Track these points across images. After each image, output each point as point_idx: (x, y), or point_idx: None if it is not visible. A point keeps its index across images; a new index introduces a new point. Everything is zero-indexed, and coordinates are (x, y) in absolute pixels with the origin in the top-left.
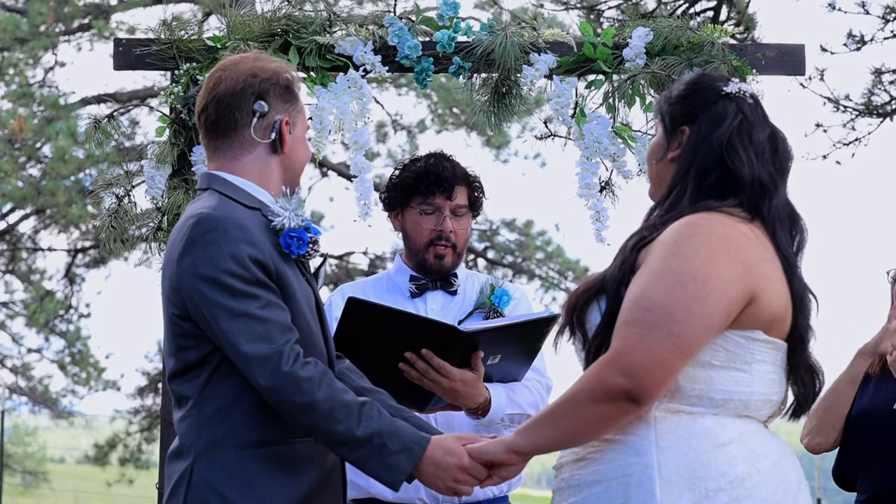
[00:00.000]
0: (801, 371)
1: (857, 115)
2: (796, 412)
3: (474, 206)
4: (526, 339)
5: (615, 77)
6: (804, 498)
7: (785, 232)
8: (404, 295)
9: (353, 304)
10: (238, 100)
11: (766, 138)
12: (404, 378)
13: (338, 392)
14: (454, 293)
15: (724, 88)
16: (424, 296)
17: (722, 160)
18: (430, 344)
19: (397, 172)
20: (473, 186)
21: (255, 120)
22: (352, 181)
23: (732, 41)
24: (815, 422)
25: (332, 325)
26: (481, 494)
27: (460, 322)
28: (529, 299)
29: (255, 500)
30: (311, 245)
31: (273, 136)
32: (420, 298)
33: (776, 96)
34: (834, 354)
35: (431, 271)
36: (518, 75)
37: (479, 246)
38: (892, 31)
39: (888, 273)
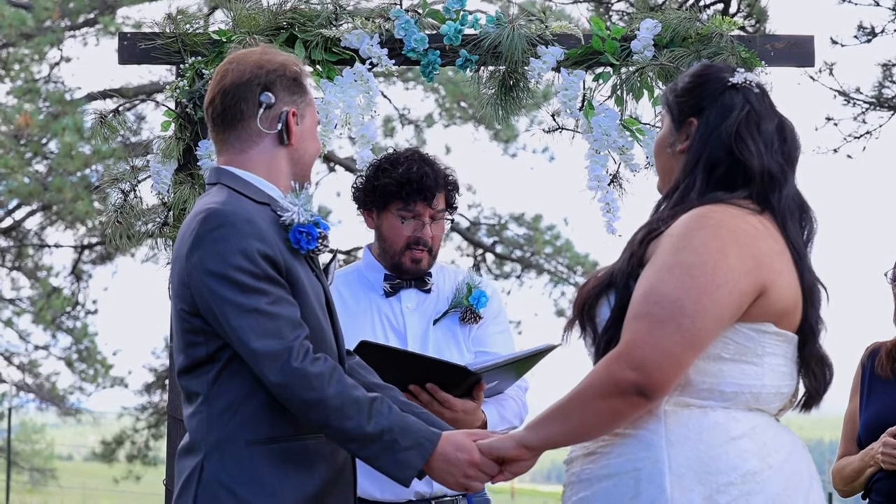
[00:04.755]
0: (812, 363)
1: (867, 109)
2: (807, 405)
3: (451, 208)
4: (523, 366)
5: (623, 69)
6: (816, 492)
7: (795, 223)
8: (378, 292)
9: (365, 347)
10: (244, 91)
11: (775, 128)
12: None
13: (348, 388)
14: (428, 291)
15: (730, 79)
16: (399, 294)
17: (731, 151)
18: (436, 379)
19: (374, 173)
20: (450, 189)
21: (261, 111)
22: None
23: (741, 33)
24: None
25: None
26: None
27: (436, 321)
28: (500, 293)
29: (266, 496)
30: (320, 240)
31: (279, 126)
32: (395, 297)
33: (786, 89)
34: (845, 347)
35: (407, 273)
36: (525, 68)
37: (488, 241)
38: None
39: (886, 274)
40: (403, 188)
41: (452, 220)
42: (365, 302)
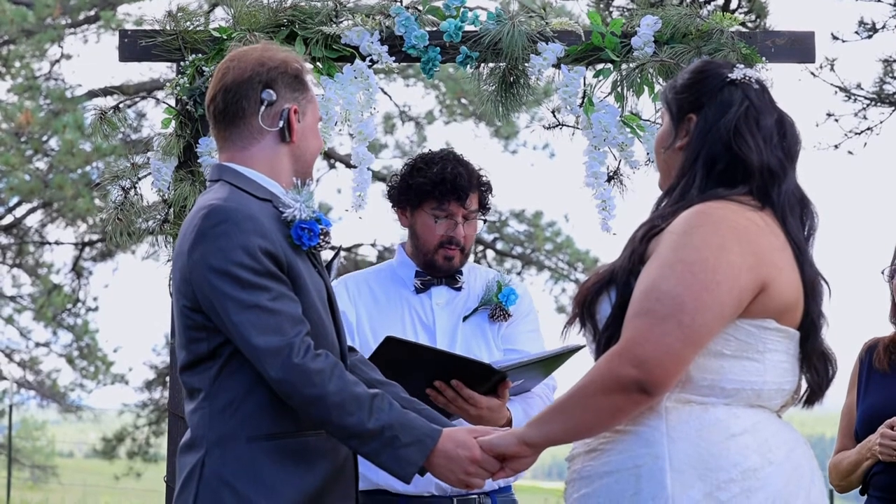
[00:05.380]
0: (814, 358)
1: (868, 104)
2: (810, 400)
3: (484, 208)
4: (550, 365)
5: (623, 66)
6: (817, 488)
7: (795, 218)
8: (409, 288)
9: (390, 343)
10: (245, 88)
11: (774, 123)
12: (429, 400)
13: (349, 384)
14: (459, 289)
15: (730, 75)
16: (429, 291)
17: (729, 147)
18: (461, 376)
19: (409, 172)
20: (483, 189)
21: (262, 108)
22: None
23: (742, 29)
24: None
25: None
26: (487, 486)
27: (465, 318)
28: (531, 295)
29: (267, 493)
30: (322, 237)
31: (281, 124)
32: (425, 294)
33: (786, 85)
34: (842, 343)
35: (439, 271)
36: (526, 64)
37: (488, 237)
38: None
39: (883, 272)
40: (437, 188)
41: (485, 221)
42: (396, 298)
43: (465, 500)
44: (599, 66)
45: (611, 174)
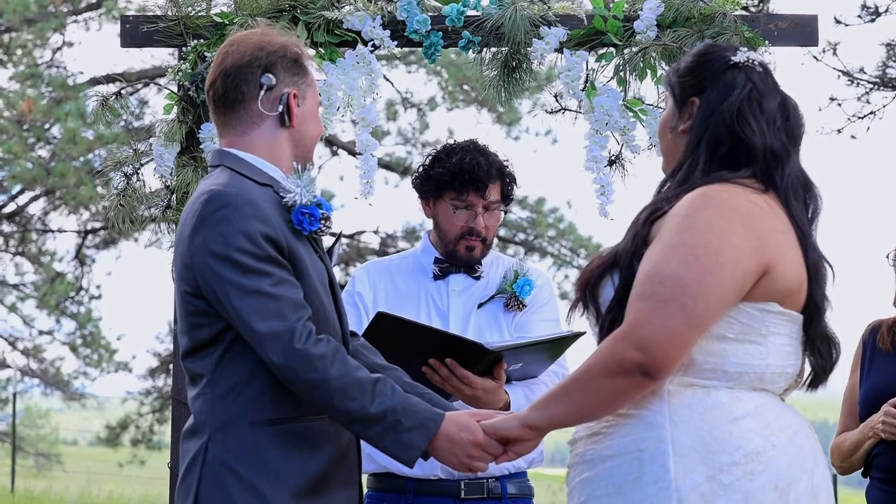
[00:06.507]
0: (817, 342)
1: (871, 89)
2: (814, 383)
3: (506, 200)
4: (550, 350)
5: (626, 50)
6: (820, 472)
7: (799, 201)
8: (427, 276)
9: (382, 318)
10: (245, 73)
11: (777, 106)
12: (426, 379)
13: (351, 369)
14: (478, 278)
15: (733, 58)
16: (447, 278)
17: (732, 130)
18: (455, 355)
19: (431, 162)
20: (506, 180)
21: (262, 93)
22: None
23: (744, 12)
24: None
25: (354, 301)
26: (497, 471)
27: (480, 305)
28: (552, 285)
29: (270, 477)
30: (323, 221)
31: (280, 108)
32: (443, 281)
33: (789, 69)
34: (845, 327)
35: (460, 261)
36: (528, 49)
37: None
38: None
39: (888, 256)
40: (456, 178)
41: (506, 212)
42: (414, 285)
43: (474, 483)
44: (602, 51)
45: (612, 158)
